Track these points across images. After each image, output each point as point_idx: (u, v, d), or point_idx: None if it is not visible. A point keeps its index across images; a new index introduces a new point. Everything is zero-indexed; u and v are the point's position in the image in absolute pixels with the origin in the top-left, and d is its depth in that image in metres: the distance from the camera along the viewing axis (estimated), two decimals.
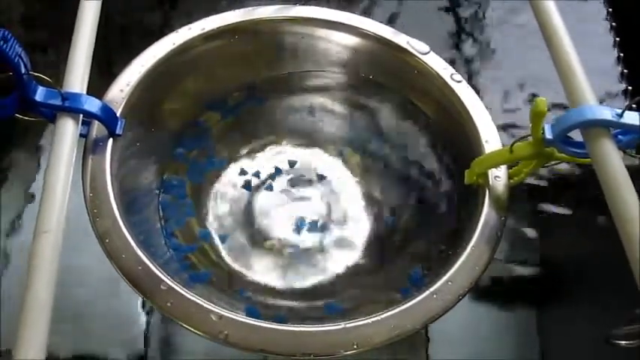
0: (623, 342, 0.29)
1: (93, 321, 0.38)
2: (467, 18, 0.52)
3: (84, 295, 0.39)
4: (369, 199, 0.40)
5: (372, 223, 0.39)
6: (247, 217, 0.39)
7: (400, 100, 0.40)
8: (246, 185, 0.40)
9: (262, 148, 0.42)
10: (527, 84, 0.48)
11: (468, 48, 0.50)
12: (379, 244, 0.38)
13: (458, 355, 0.39)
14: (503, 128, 0.44)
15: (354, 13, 0.39)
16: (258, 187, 0.40)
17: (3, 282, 0.39)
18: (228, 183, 0.40)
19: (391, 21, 0.50)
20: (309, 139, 0.42)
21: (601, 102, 0.29)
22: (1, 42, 0.26)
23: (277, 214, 0.39)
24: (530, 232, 0.42)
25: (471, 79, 0.49)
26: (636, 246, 0.24)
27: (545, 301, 0.39)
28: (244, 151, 0.41)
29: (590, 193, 0.41)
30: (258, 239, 0.38)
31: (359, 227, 0.39)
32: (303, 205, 0.40)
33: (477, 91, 0.36)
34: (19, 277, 0.39)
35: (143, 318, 0.38)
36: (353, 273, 0.37)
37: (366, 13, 0.51)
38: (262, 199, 0.40)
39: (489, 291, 0.40)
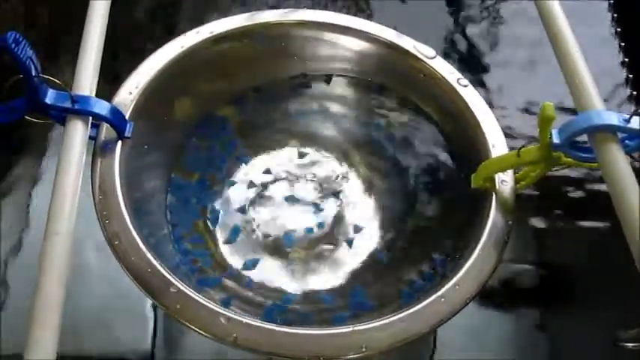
0: (630, 344, 0.29)
1: (100, 322, 0.38)
2: None
3: (91, 296, 0.39)
4: (375, 203, 0.40)
5: (378, 226, 0.39)
6: (254, 221, 0.39)
7: (406, 103, 0.40)
8: (253, 188, 0.40)
9: (268, 151, 0.42)
10: None
11: None
12: (386, 248, 0.38)
13: (463, 357, 0.39)
14: None
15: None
16: (264, 190, 0.40)
17: (4, 286, 0.39)
18: (234, 186, 0.40)
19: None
20: (315, 141, 0.42)
21: (607, 107, 0.29)
22: (13, 45, 0.26)
23: (284, 217, 0.39)
24: (536, 234, 0.42)
25: None
26: None
27: (550, 303, 0.40)
28: (249, 154, 0.41)
29: (596, 195, 0.42)
30: (265, 243, 0.38)
31: (366, 231, 0.39)
32: (310, 208, 0.40)
33: None
34: (21, 281, 0.39)
35: (151, 320, 0.38)
36: (360, 277, 0.37)
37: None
38: (268, 202, 0.40)
39: (495, 293, 0.40)
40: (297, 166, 0.41)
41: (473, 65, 0.50)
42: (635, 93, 0.46)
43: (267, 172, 0.41)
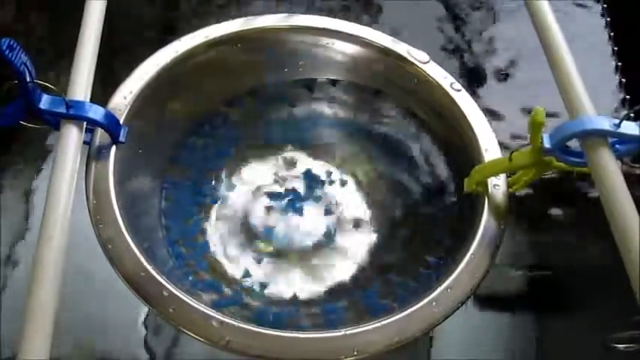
0: (622, 346, 0.29)
1: (94, 327, 0.38)
2: None
3: (85, 301, 0.39)
4: (369, 208, 0.40)
5: (372, 231, 0.40)
6: (248, 225, 0.39)
7: (400, 108, 0.40)
8: (249, 192, 0.40)
9: (264, 155, 0.42)
10: None
11: None
12: (380, 253, 0.39)
13: (458, 357, 0.39)
14: None
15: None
16: (259, 195, 0.40)
17: (4, 291, 0.39)
18: (229, 190, 0.40)
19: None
20: (310, 146, 0.42)
21: (599, 111, 0.29)
22: (7, 50, 0.27)
23: (280, 220, 0.39)
24: (531, 237, 0.43)
25: None
26: (635, 254, 0.24)
27: (546, 306, 0.40)
28: (245, 158, 0.42)
29: (590, 199, 0.42)
30: (260, 246, 0.39)
31: (359, 236, 0.39)
32: (307, 212, 0.40)
33: None
34: (20, 285, 0.39)
35: (145, 325, 0.39)
36: (355, 281, 0.38)
37: None
38: (265, 205, 0.40)
39: (489, 296, 0.40)
40: (293, 170, 0.42)
41: (468, 69, 0.50)
42: (628, 97, 0.47)
43: (264, 176, 0.41)
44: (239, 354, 0.27)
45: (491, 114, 0.45)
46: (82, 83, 0.31)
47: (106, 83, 0.35)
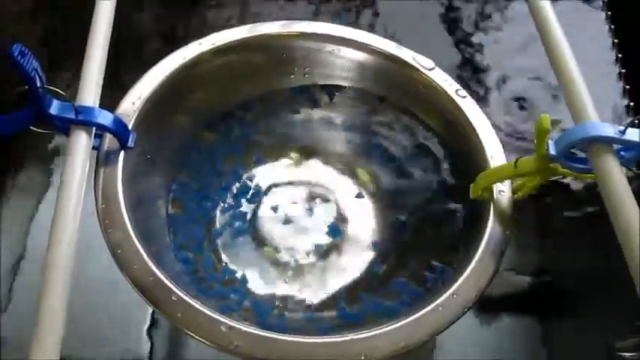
0: (628, 354, 0.29)
1: (99, 333, 0.39)
2: None
3: (92, 304, 0.39)
4: (374, 213, 0.41)
5: (377, 237, 0.40)
6: (254, 230, 0.39)
7: (406, 114, 0.40)
8: (253, 198, 0.41)
9: (270, 161, 0.42)
10: None
11: None
12: (385, 258, 0.39)
13: None
14: None
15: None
16: (264, 200, 0.41)
17: (10, 294, 0.39)
18: (236, 195, 0.41)
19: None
20: (316, 152, 0.42)
21: (603, 118, 0.29)
22: (19, 56, 0.27)
23: (285, 226, 0.40)
24: (536, 243, 0.43)
25: None
26: (636, 252, 0.24)
27: (549, 311, 0.40)
28: (251, 163, 0.42)
29: (595, 205, 0.42)
30: (266, 252, 0.39)
31: (365, 242, 0.40)
32: (311, 218, 0.40)
33: None
34: (25, 290, 0.39)
35: (149, 329, 0.39)
36: (360, 286, 0.38)
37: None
38: (270, 211, 0.40)
39: (494, 301, 0.40)
40: (298, 176, 0.42)
41: (472, 74, 0.50)
42: (632, 104, 0.47)
43: (269, 181, 0.41)
44: (248, 358, 0.28)
45: None
46: (91, 89, 0.31)
47: (114, 89, 0.35)
